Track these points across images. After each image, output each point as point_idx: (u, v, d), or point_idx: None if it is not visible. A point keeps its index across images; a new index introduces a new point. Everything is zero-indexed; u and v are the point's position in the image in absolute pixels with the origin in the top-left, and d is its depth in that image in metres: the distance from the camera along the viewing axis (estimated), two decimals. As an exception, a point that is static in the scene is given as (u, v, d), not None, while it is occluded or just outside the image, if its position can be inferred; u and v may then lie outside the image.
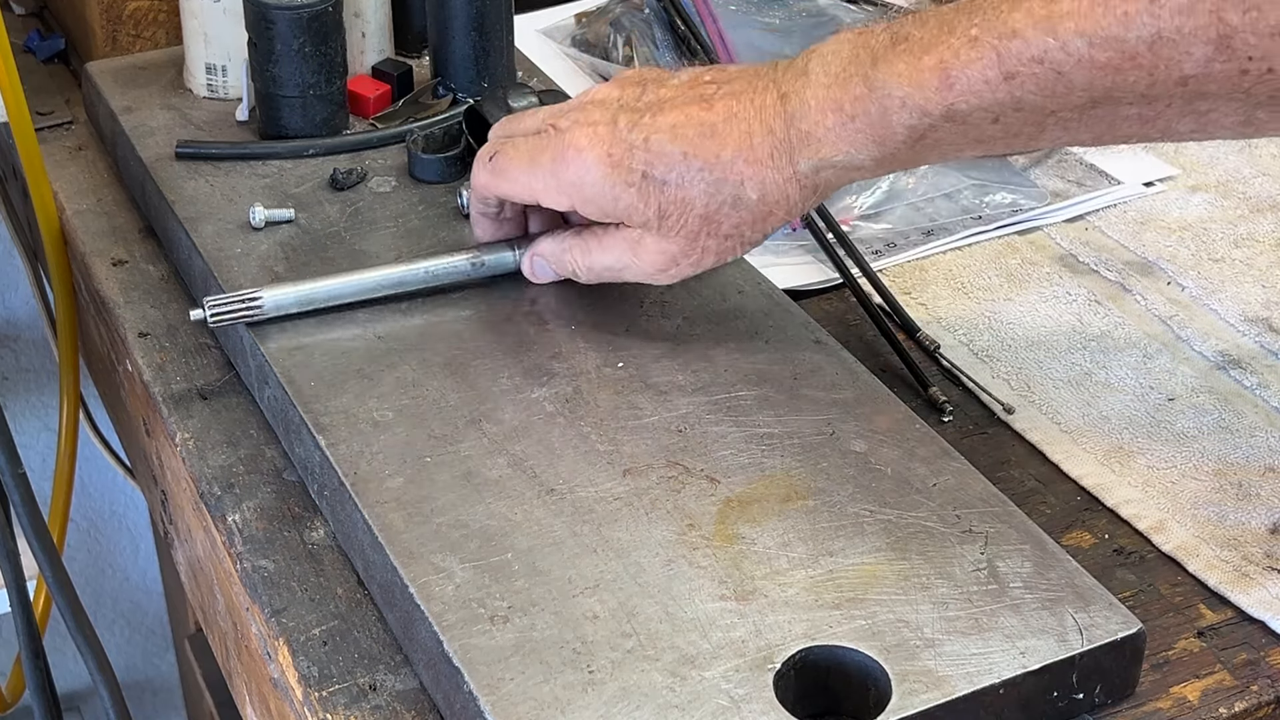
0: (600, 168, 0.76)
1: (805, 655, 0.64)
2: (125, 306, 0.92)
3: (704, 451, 0.75)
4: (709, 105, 0.75)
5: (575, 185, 0.77)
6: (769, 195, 0.74)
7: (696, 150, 0.74)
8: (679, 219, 0.75)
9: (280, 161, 0.96)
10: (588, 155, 0.76)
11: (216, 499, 0.79)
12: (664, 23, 1.09)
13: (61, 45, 1.18)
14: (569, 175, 0.77)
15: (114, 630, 1.89)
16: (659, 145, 0.74)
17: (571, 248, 0.81)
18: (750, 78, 0.75)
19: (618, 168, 0.75)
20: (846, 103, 0.71)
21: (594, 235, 0.80)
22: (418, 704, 0.68)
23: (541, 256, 0.83)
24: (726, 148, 0.74)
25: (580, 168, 0.76)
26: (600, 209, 0.77)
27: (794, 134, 0.73)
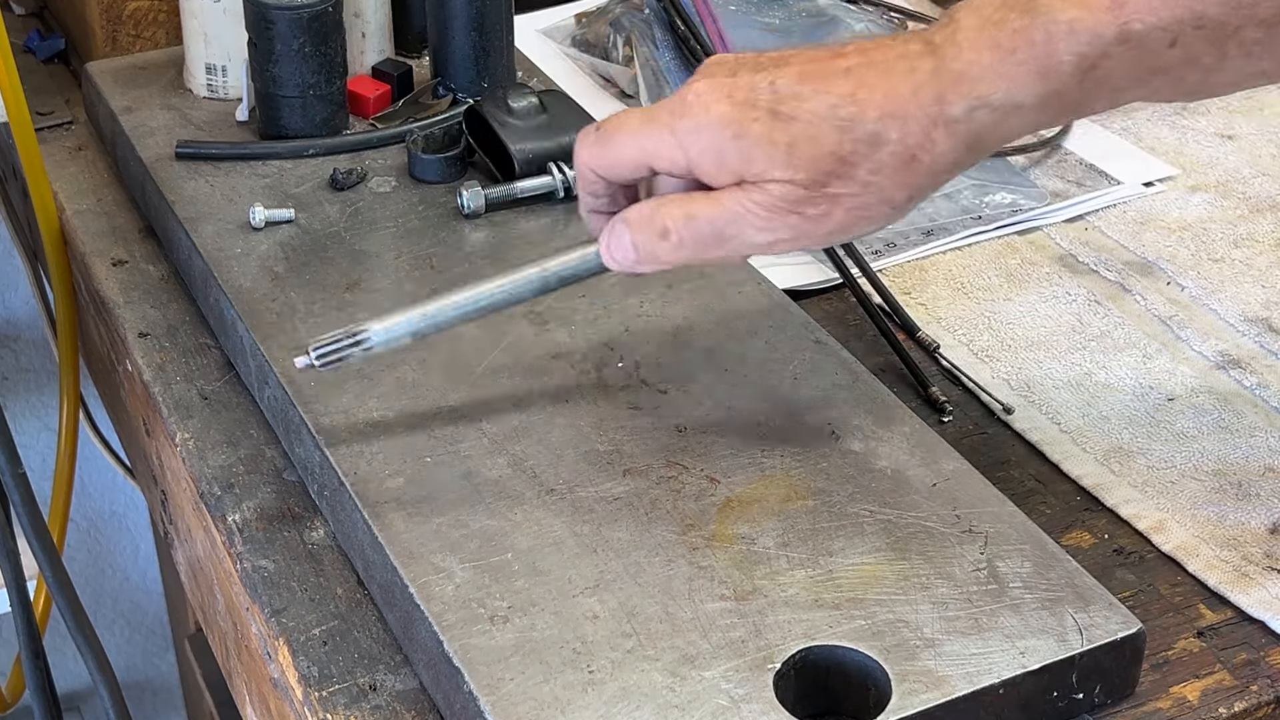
0: (722, 106, 0.67)
1: (805, 655, 0.64)
2: (125, 306, 0.92)
3: (704, 451, 0.75)
4: (841, 54, 0.68)
5: (694, 130, 0.68)
6: (910, 137, 0.66)
7: (828, 87, 0.66)
8: (809, 156, 0.66)
9: (280, 161, 0.96)
10: (708, 98, 0.68)
11: (216, 499, 0.79)
12: (664, 23, 1.09)
13: (61, 45, 1.18)
14: (687, 122, 0.68)
15: (114, 630, 1.89)
16: (786, 85, 0.67)
17: (668, 202, 0.70)
18: (885, 38, 0.69)
19: (741, 106, 0.67)
20: (1004, 37, 0.64)
21: (699, 192, 0.70)
22: (418, 704, 0.68)
23: (626, 222, 0.71)
24: (862, 86, 0.66)
25: (701, 111, 0.68)
26: (719, 154, 0.68)
27: (944, 74, 0.66)
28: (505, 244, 0.90)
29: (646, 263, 0.71)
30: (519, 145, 0.93)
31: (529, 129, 0.94)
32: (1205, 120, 1.11)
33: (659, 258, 0.70)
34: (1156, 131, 1.10)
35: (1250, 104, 1.13)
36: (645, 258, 0.71)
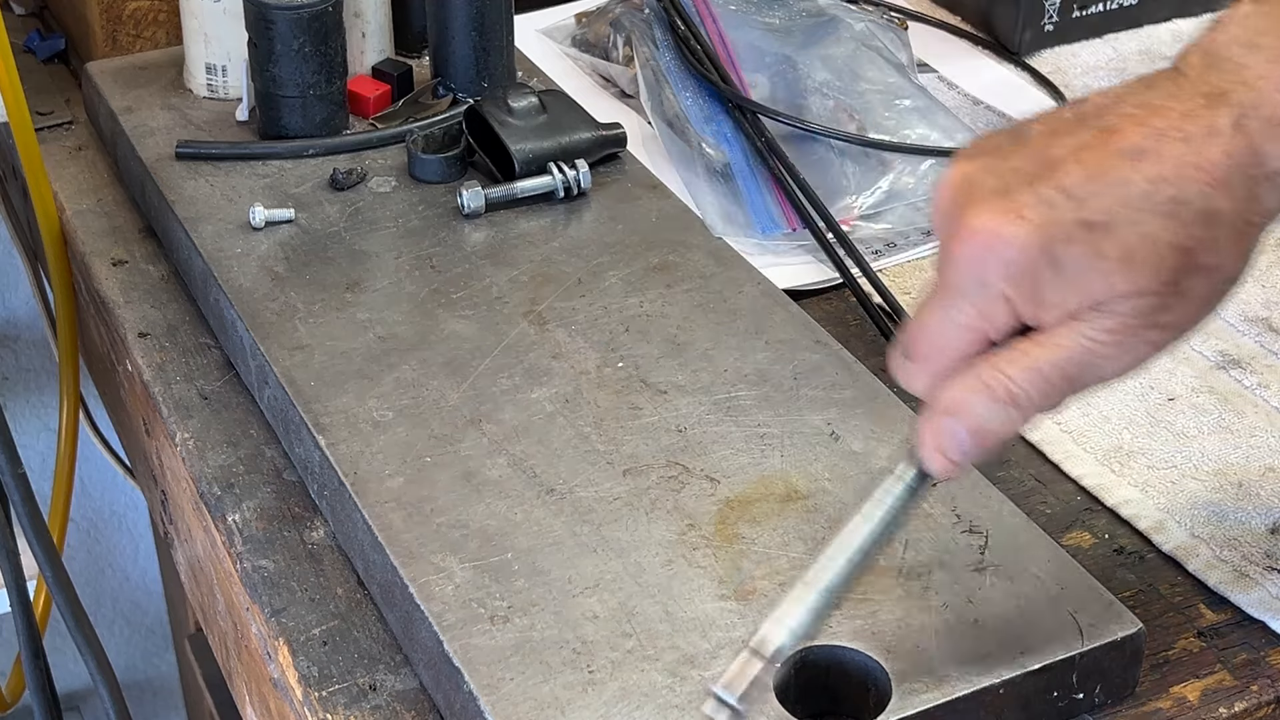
0: (1022, 235, 0.56)
1: (805, 655, 0.64)
2: (125, 306, 0.92)
3: (704, 451, 0.75)
4: (1114, 133, 0.58)
5: (1002, 271, 0.57)
6: (1239, 203, 0.57)
7: (1127, 174, 0.56)
8: (1150, 261, 0.56)
9: (280, 161, 0.96)
10: (1001, 231, 0.57)
11: (216, 499, 0.79)
12: (664, 23, 1.09)
13: (61, 45, 1.18)
14: (990, 268, 0.57)
15: (114, 630, 1.89)
16: (1080, 187, 0.57)
17: (990, 367, 0.59)
18: (1138, 93, 0.59)
19: (1044, 228, 0.56)
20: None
21: (1024, 339, 0.59)
22: (418, 704, 0.68)
23: (952, 414, 0.59)
24: (1166, 163, 0.56)
25: (1000, 248, 0.57)
26: (1036, 290, 0.57)
27: (1254, 126, 0.57)
28: (505, 244, 0.90)
29: (986, 445, 0.60)
30: (519, 145, 0.93)
31: (529, 129, 0.94)
32: (1205, 120, 1.11)
33: (1003, 432, 0.59)
34: (1156, 131, 1.09)
35: (1250, 104, 1.13)
36: (986, 439, 0.59)
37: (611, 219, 0.92)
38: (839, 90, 1.06)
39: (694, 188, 1.00)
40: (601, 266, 0.88)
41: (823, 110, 1.04)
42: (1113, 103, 0.59)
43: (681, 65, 1.06)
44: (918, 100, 1.06)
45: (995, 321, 0.58)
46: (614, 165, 0.97)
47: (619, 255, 0.89)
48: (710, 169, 1.00)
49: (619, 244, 0.90)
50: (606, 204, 0.94)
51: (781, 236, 0.97)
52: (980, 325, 0.59)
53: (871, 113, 1.05)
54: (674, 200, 0.94)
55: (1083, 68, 1.17)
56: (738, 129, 1.02)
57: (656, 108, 1.05)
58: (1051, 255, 0.56)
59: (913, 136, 1.04)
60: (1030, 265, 0.57)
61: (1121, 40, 1.21)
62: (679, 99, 1.04)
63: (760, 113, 1.02)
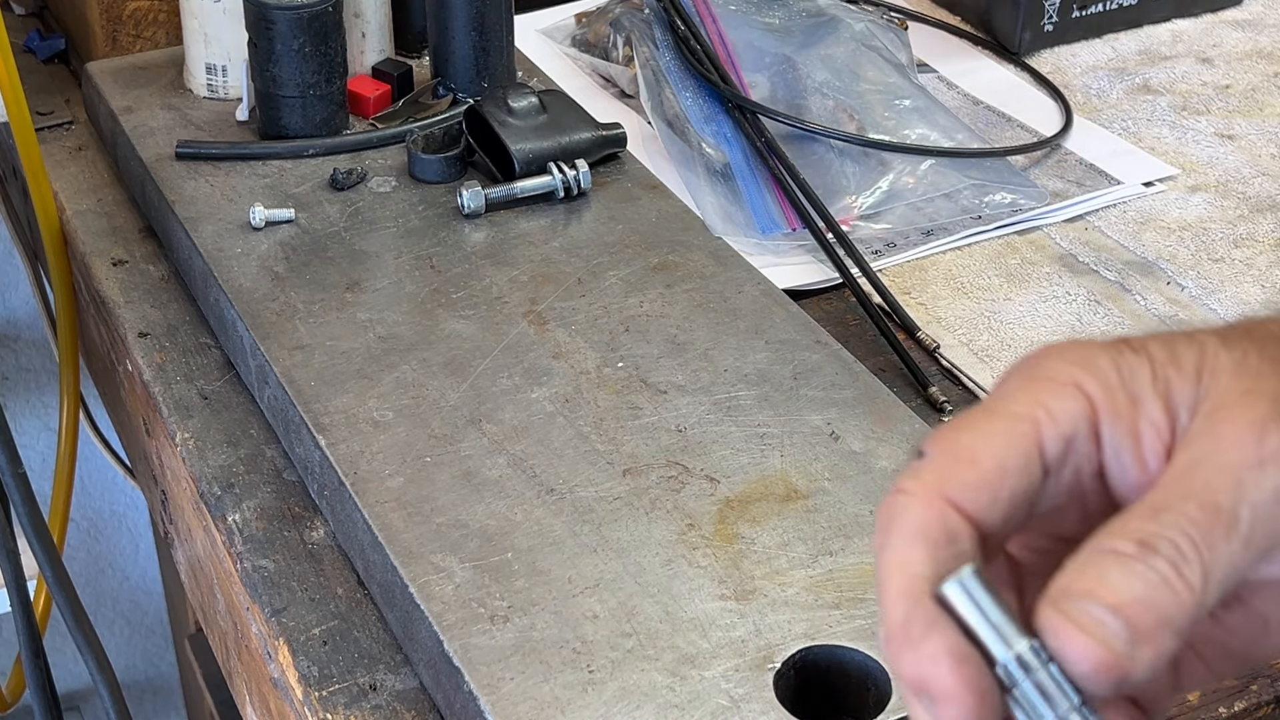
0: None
1: (805, 655, 0.64)
2: (125, 306, 0.92)
3: (704, 451, 0.75)
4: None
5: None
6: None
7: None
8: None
9: (280, 161, 0.96)
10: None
11: (216, 499, 0.79)
12: (664, 23, 1.09)
13: (61, 45, 1.18)
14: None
15: (114, 630, 1.89)
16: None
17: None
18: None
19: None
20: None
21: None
22: (418, 704, 0.68)
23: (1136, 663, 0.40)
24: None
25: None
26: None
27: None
28: (505, 244, 0.90)
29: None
30: (519, 145, 0.93)
31: (529, 129, 0.94)
32: (1205, 120, 1.11)
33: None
34: (1156, 131, 1.10)
35: (1250, 104, 1.13)
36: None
37: (611, 219, 0.92)
38: (839, 90, 1.06)
39: (694, 188, 1.00)
40: (601, 266, 0.88)
41: (822, 110, 1.04)
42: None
43: (681, 65, 1.06)
44: (918, 100, 1.06)
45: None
46: (614, 165, 0.97)
47: (619, 255, 0.89)
48: (710, 169, 1.00)
49: (619, 244, 0.90)
50: (606, 204, 0.94)
51: (781, 236, 0.97)
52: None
53: (871, 113, 1.05)
54: (674, 200, 0.94)
55: (1082, 68, 1.17)
56: (738, 129, 1.02)
57: (656, 108, 1.05)
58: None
59: (913, 136, 1.04)
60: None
61: (1121, 40, 1.21)
62: (679, 99, 1.04)
63: (760, 113, 1.02)
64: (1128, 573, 0.39)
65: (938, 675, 0.40)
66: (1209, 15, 1.24)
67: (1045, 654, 0.40)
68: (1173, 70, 1.17)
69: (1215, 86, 1.15)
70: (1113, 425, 0.43)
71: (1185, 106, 1.12)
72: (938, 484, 0.42)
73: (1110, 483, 0.44)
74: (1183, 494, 0.41)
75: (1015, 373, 0.45)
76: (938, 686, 0.40)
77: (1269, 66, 1.17)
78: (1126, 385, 0.43)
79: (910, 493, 0.42)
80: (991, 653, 0.40)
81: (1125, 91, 1.14)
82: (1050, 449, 0.43)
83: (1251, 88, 1.15)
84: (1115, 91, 1.14)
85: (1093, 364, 0.44)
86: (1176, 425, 0.43)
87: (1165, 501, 0.41)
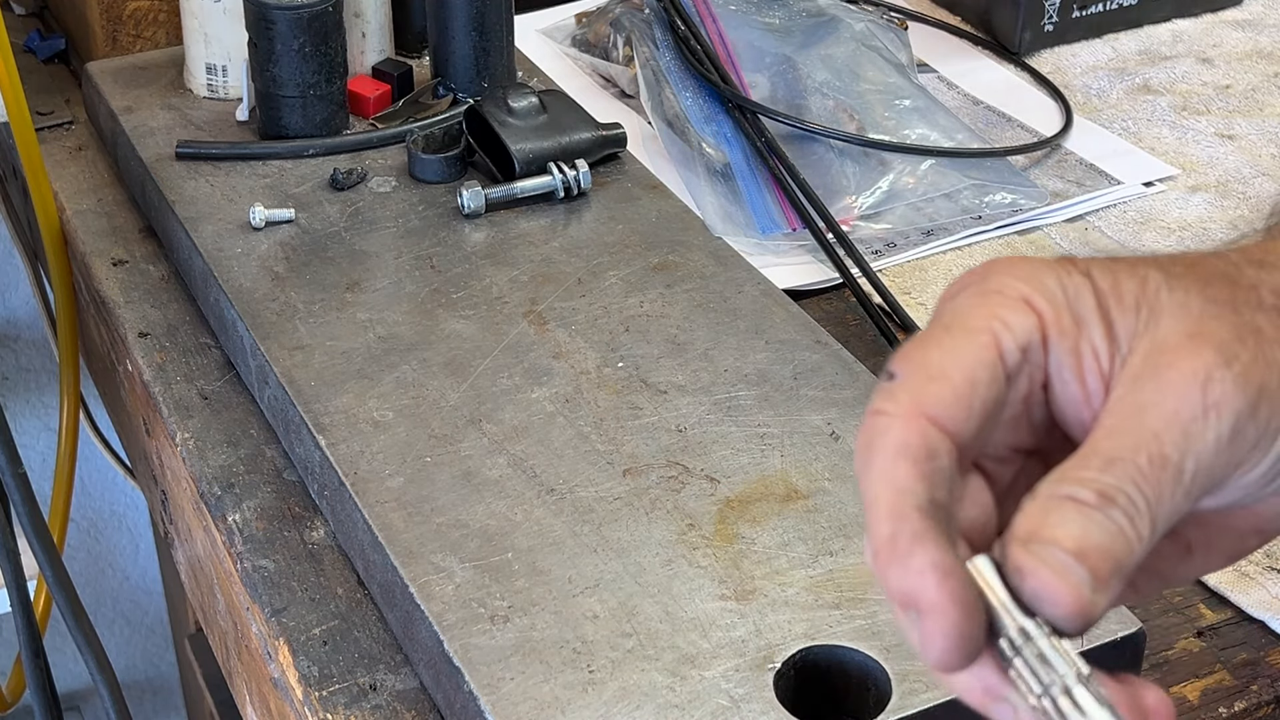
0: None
1: (805, 655, 0.64)
2: (125, 306, 0.92)
3: (704, 451, 0.75)
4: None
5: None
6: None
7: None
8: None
9: (280, 161, 0.96)
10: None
11: (216, 499, 0.79)
12: (664, 23, 1.09)
13: (61, 45, 1.18)
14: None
15: (114, 630, 1.89)
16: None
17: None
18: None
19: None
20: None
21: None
22: (418, 704, 0.68)
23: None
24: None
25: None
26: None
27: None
28: (505, 244, 0.90)
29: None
30: (519, 145, 0.93)
31: (529, 129, 0.94)
32: (1205, 120, 1.11)
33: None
34: (1157, 131, 1.10)
35: (1250, 104, 1.13)
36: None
37: (611, 219, 0.92)
38: (839, 90, 1.06)
39: (694, 188, 1.00)
40: (601, 266, 0.88)
41: (823, 110, 1.04)
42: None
43: (681, 65, 1.06)
44: (918, 100, 1.06)
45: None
46: (614, 165, 0.97)
47: (619, 255, 0.89)
48: (710, 169, 1.00)
49: (619, 244, 0.90)
50: (606, 204, 0.94)
51: (781, 236, 0.97)
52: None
53: (871, 113, 1.05)
54: (674, 200, 0.94)
55: (1083, 68, 1.17)
56: (738, 129, 1.02)
57: (656, 108, 1.05)
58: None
59: (913, 136, 1.04)
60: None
61: (1121, 40, 1.21)
62: (679, 99, 1.04)
63: (760, 113, 1.02)
64: (1089, 522, 0.41)
65: (924, 588, 0.41)
66: (1209, 15, 1.24)
67: (1045, 628, 0.41)
68: (1173, 70, 1.17)
69: (1215, 86, 1.15)
70: (1058, 341, 0.45)
71: (1185, 106, 1.12)
72: (913, 402, 0.43)
73: (1051, 397, 0.46)
74: (1133, 445, 0.43)
75: (963, 289, 0.46)
76: (924, 599, 0.41)
77: (1269, 66, 1.17)
78: (1071, 305, 0.45)
79: (888, 413, 0.43)
80: (1000, 624, 0.41)
81: (1125, 91, 1.14)
82: (1009, 359, 0.44)
83: (1252, 88, 1.15)
84: (1115, 91, 1.14)
85: (1040, 281, 0.45)
86: (1116, 352, 0.45)
87: (1117, 451, 0.43)
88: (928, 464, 0.43)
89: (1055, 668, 0.41)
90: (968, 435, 0.44)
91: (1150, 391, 0.43)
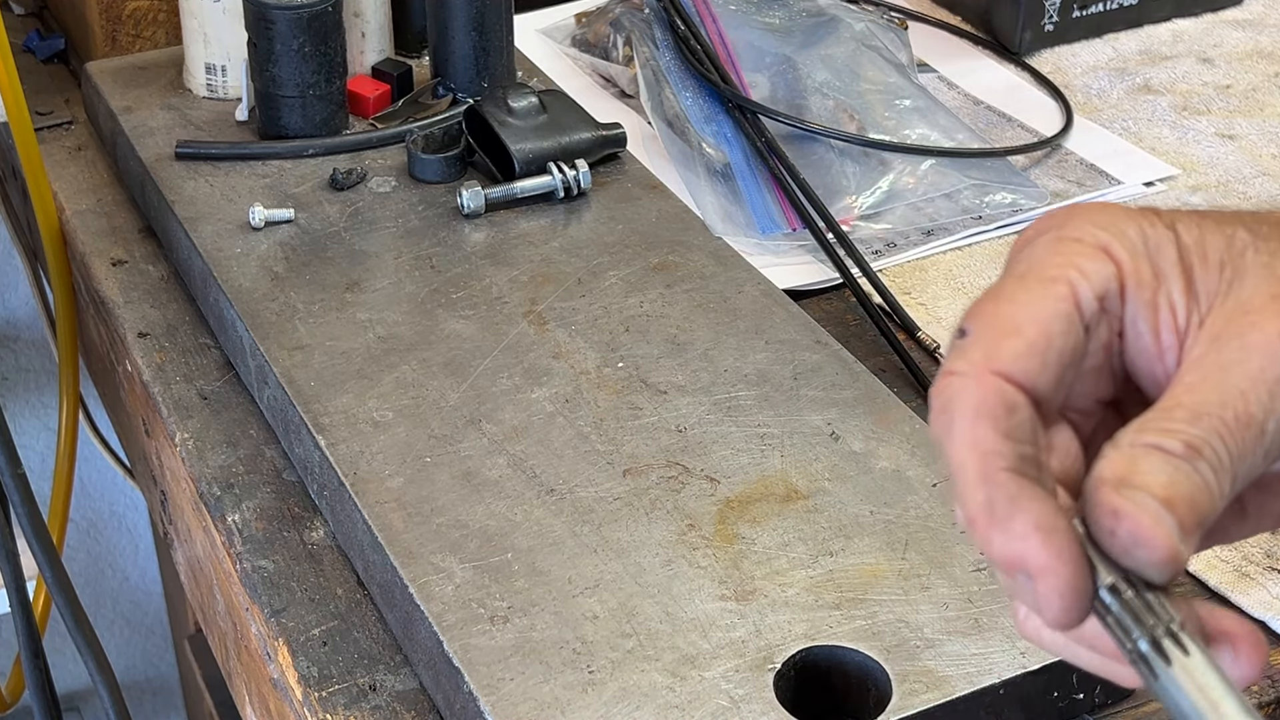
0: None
1: (805, 655, 0.64)
2: (125, 306, 0.92)
3: (704, 451, 0.75)
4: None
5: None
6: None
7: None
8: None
9: (280, 161, 0.96)
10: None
11: (216, 499, 0.79)
12: (664, 23, 1.09)
13: (61, 45, 1.18)
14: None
15: (114, 630, 1.89)
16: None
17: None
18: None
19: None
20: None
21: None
22: (418, 704, 0.68)
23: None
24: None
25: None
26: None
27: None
28: (505, 244, 0.90)
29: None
30: (519, 145, 0.93)
31: (529, 129, 0.94)
32: (1205, 120, 1.11)
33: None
34: (1157, 131, 1.10)
35: (1250, 104, 1.13)
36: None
37: (611, 219, 0.92)
38: (839, 90, 1.06)
39: (694, 188, 1.00)
40: (601, 266, 0.88)
41: (823, 110, 1.04)
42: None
43: (681, 65, 1.06)
44: (918, 100, 1.06)
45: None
46: (614, 165, 0.97)
47: (619, 255, 0.89)
48: (710, 169, 1.00)
49: (619, 244, 0.90)
50: (606, 204, 0.94)
51: (781, 236, 0.97)
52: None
53: (871, 113, 1.05)
54: (674, 200, 0.94)
55: (1083, 68, 1.17)
56: (738, 129, 1.02)
57: (656, 108, 1.05)
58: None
59: (913, 136, 1.04)
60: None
61: (1121, 40, 1.21)
62: (679, 99, 1.04)
63: (760, 113, 1.02)
64: (1177, 472, 0.41)
65: (1029, 550, 0.40)
66: (1209, 15, 1.24)
67: (1139, 582, 0.41)
68: (1173, 70, 1.17)
69: (1216, 86, 1.15)
70: (1135, 292, 0.44)
71: (1186, 106, 1.12)
72: (986, 360, 0.42)
73: (1125, 347, 0.45)
74: (1219, 401, 0.42)
75: (1040, 234, 0.45)
76: (1033, 562, 0.40)
77: (1269, 66, 1.17)
78: (1151, 256, 0.44)
79: (961, 373, 0.42)
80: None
81: (1126, 91, 1.14)
82: (1087, 308, 0.44)
83: (1252, 87, 1.15)
84: (1116, 91, 1.14)
85: (1121, 230, 0.45)
86: (1194, 309, 0.44)
87: (1203, 406, 0.42)
88: (1007, 420, 0.42)
89: (1157, 612, 0.41)
90: (1045, 388, 0.43)
91: (1234, 350, 0.43)
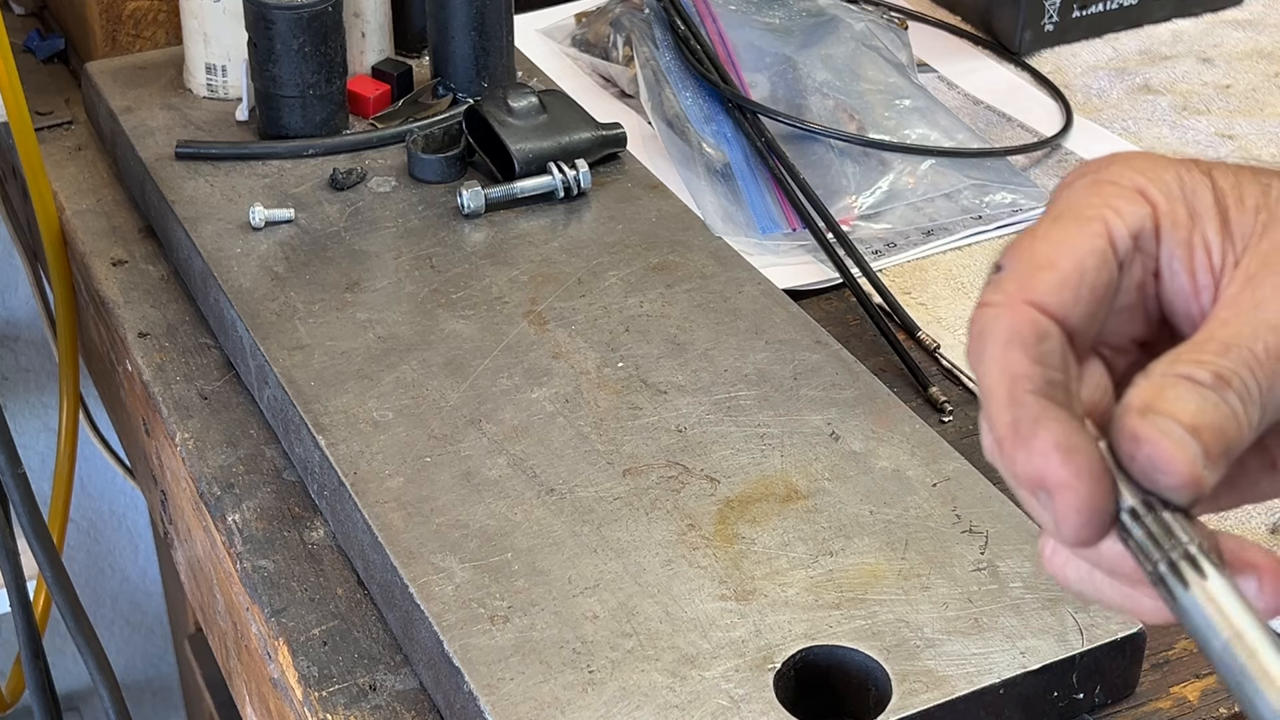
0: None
1: (805, 655, 0.64)
2: (125, 306, 0.92)
3: (704, 451, 0.75)
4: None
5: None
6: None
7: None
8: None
9: (280, 161, 0.96)
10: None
11: (216, 499, 0.79)
12: (664, 23, 1.09)
13: (61, 45, 1.18)
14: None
15: (114, 630, 1.89)
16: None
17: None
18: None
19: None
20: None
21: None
22: (418, 704, 0.68)
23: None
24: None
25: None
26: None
27: None
28: (505, 244, 0.90)
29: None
30: (519, 145, 0.93)
31: (529, 129, 0.94)
32: (1205, 120, 1.11)
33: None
34: (1156, 131, 1.10)
35: (1250, 104, 1.13)
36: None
37: (611, 219, 0.92)
38: (839, 90, 1.06)
39: (694, 188, 1.00)
40: (601, 266, 0.88)
41: (823, 110, 1.04)
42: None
43: (681, 65, 1.06)
44: (918, 100, 1.06)
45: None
46: (614, 165, 0.97)
47: (619, 255, 0.89)
48: (710, 169, 1.00)
49: (619, 244, 0.90)
50: (606, 204, 0.94)
51: (781, 236, 0.97)
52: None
53: (871, 113, 1.05)
54: (674, 200, 0.94)
55: (1083, 68, 1.17)
56: (738, 129, 1.02)
57: (656, 108, 1.05)
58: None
59: (913, 136, 1.04)
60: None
61: (1121, 40, 1.21)
62: (679, 99, 1.04)
63: (760, 113, 1.02)
64: (1204, 400, 0.42)
65: (1050, 467, 0.41)
66: (1209, 15, 1.24)
67: (1164, 507, 0.42)
68: (1173, 70, 1.17)
69: (1216, 86, 1.15)
70: (1170, 231, 0.45)
71: (1186, 106, 1.12)
72: (1019, 291, 0.43)
73: (1161, 288, 0.46)
74: (1251, 334, 0.43)
75: (1079, 179, 0.47)
76: (1051, 478, 0.41)
77: (1269, 66, 1.17)
78: (1187, 199, 0.46)
79: (995, 304, 0.43)
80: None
81: (1126, 91, 1.14)
82: (1120, 245, 0.45)
83: (1252, 88, 1.15)
84: (1116, 91, 1.14)
85: (1158, 174, 0.46)
86: (1230, 249, 0.45)
87: (1234, 339, 0.43)
88: (1038, 347, 0.43)
89: (1177, 535, 0.42)
90: (1078, 320, 0.44)
91: (1268, 289, 0.44)
